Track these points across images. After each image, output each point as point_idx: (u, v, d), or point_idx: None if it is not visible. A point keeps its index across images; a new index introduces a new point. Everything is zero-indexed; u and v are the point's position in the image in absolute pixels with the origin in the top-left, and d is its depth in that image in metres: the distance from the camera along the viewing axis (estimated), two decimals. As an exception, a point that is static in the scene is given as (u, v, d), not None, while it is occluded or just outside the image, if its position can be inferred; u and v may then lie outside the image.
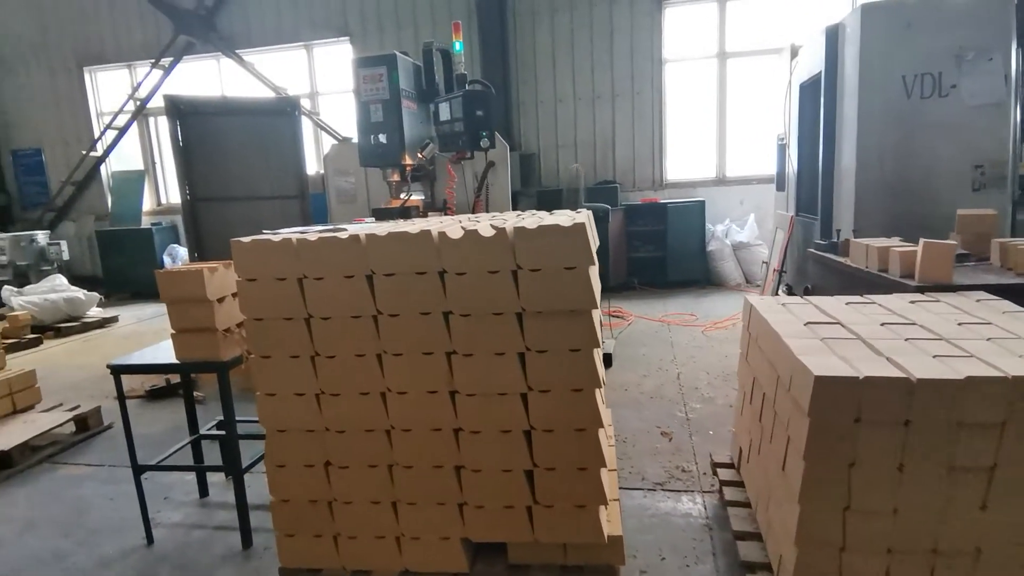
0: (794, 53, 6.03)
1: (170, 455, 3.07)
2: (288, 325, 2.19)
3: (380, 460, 2.24)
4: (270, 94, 9.38)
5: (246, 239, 2.18)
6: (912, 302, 2.62)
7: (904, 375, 1.74)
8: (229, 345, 2.69)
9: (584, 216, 2.37)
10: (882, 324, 2.28)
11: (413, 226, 2.25)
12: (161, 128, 10.17)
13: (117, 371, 2.78)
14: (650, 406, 4.24)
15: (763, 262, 6.83)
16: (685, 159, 9.01)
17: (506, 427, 2.13)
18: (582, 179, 7.77)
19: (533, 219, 2.29)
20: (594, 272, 2.12)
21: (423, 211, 5.68)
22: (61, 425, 4.10)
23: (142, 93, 9.89)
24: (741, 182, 8.77)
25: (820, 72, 4.94)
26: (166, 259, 9.81)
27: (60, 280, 7.95)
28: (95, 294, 8.02)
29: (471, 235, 2.02)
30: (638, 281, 8.32)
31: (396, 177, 5.74)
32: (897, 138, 4.20)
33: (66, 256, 9.44)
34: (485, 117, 4.85)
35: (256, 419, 3.77)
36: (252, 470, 3.06)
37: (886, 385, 1.73)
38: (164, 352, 2.93)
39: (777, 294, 6.13)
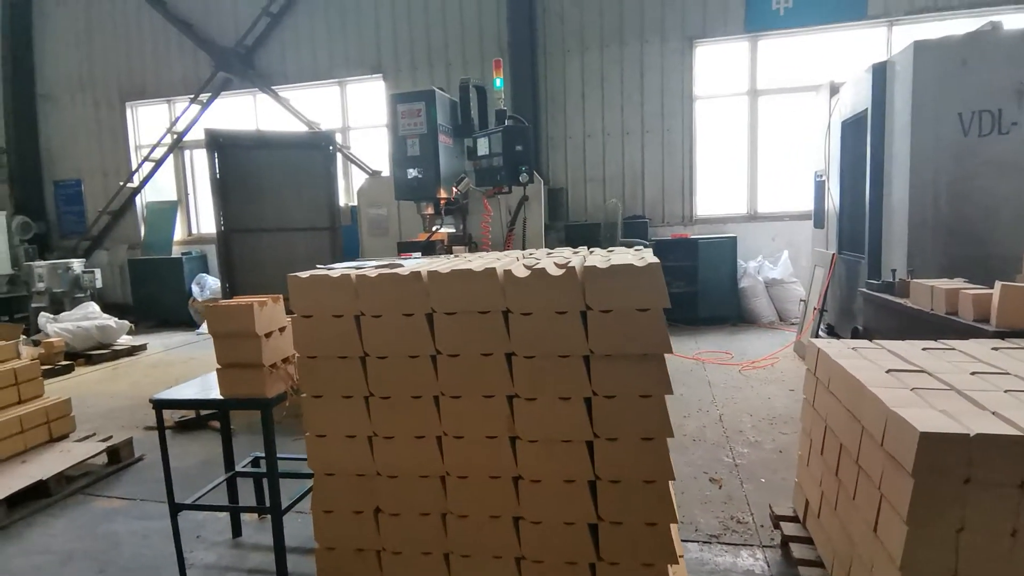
0: (834, 91, 5.98)
1: (206, 492, 2.97)
2: (342, 364, 2.10)
3: (433, 508, 2.12)
4: (303, 128, 9.54)
5: (304, 274, 2.12)
6: (995, 349, 2.47)
7: (1020, 432, 1.59)
8: (274, 381, 2.61)
9: (647, 253, 2.28)
10: (972, 373, 2.13)
11: (476, 263, 2.17)
12: (196, 160, 10.37)
13: (159, 406, 2.71)
14: (695, 449, 4.07)
15: (801, 300, 6.65)
16: (716, 195, 8.94)
17: (570, 477, 2.01)
18: (620, 214, 7.71)
19: (596, 257, 2.21)
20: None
21: (448, 245, 5.65)
22: (95, 456, 4.03)
23: (179, 127, 10.12)
24: (773, 218, 8.65)
25: (866, 109, 4.87)
26: (195, 288, 9.87)
27: (93, 308, 8.01)
28: (125, 322, 8.06)
29: (538, 274, 1.93)
30: (669, 318, 8.16)
31: (430, 210, 5.73)
32: (952, 176, 4.08)
33: (99, 284, 9.55)
34: (524, 152, 4.83)
35: (290, 456, 3.70)
36: (289, 510, 2.94)
37: (1001, 443, 1.58)
38: (206, 386, 2.85)
39: (818, 334, 5.95)
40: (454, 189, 5.77)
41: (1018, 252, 3.99)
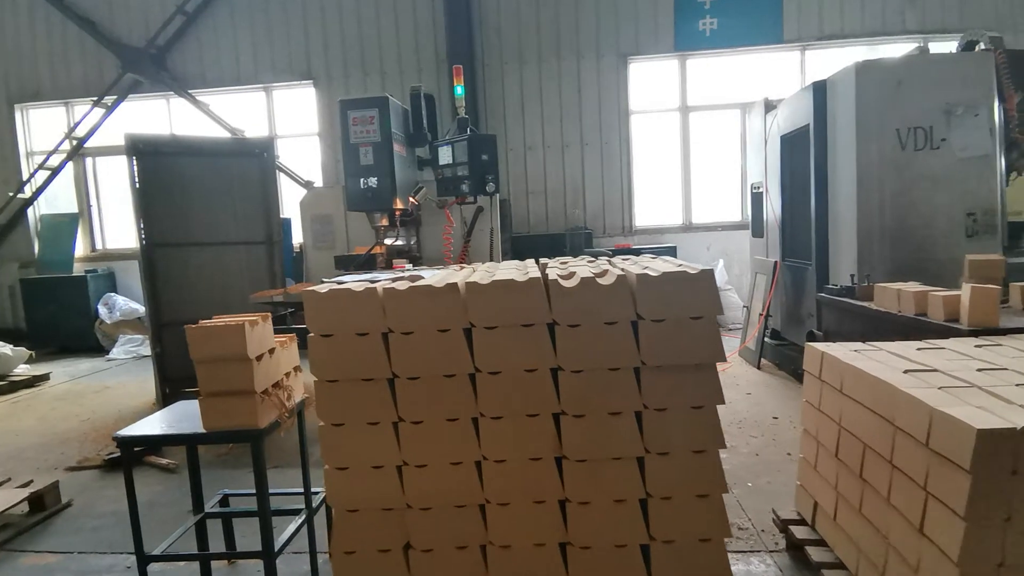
0: (769, 107, 6.30)
1: (176, 540, 2.62)
2: (367, 387, 1.91)
3: (472, 540, 1.96)
4: (225, 135, 8.94)
5: (322, 288, 1.90)
6: (978, 346, 2.62)
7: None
8: (266, 410, 2.35)
9: (668, 261, 2.24)
10: (978, 370, 2.24)
11: (518, 273, 2.04)
12: (101, 168, 9.46)
13: (126, 443, 2.36)
14: (674, 458, 4.08)
15: (744, 307, 6.93)
16: (653, 206, 9.21)
17: (620, 496, 1.91)
18: (584, 224, 7.77)
19: (635, 266, 2.14)
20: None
21: (388, 258, 5.44)
22: (15, 505, 3.49)
23: (80, 132, 9.20)
24: (707, 228, 9.01)
25: (806, 125, 5.15)
26: (102, 309, 8.97)
27: (-18, 335, 7.06)
28: (23, 349, 7.17)
29: (588, 283, 1.84)
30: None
31: (385, 222, 5.50)
32: (895, 188, 4.38)
33: (-15, 308, 8.47)
34: (491, 161, 4.73)
35: (253, 492, 3.36)
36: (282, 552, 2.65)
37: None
38: (177, 418, 2.53)
39: (763, 340, 6.21)
40: (411, 200, 5.57)
41: (953, 256, 4.34)
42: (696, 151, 9.02)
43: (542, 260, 2.87)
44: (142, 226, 5.96)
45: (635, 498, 1.92)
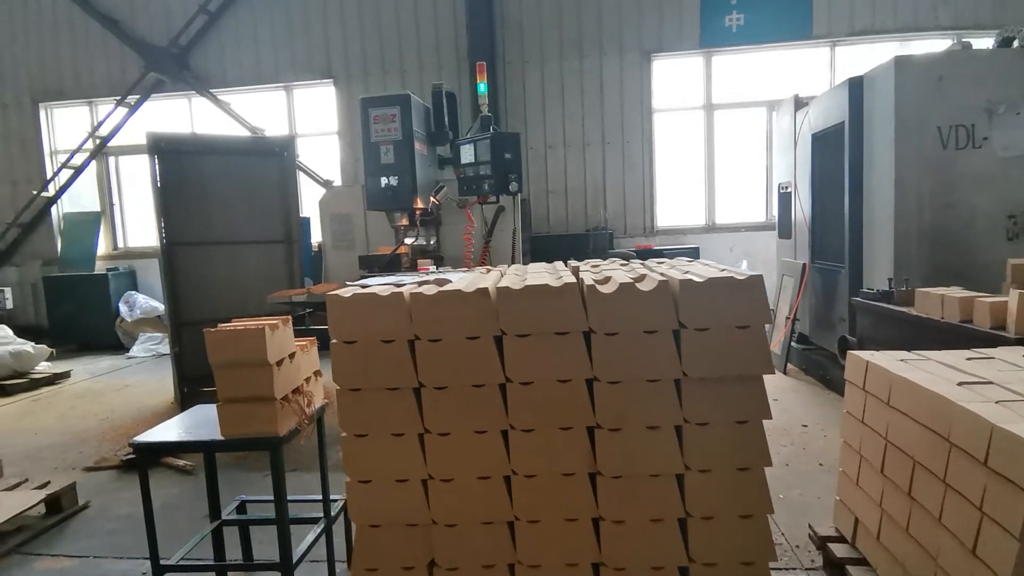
0: (799, 105, 6.12)
1: (192, 547, 2.56)
2: (392, 397, 1.82)
3: (500, 559, 1.86)
4: (245, 134, 8.94)
5: (345, 292, 1.82)
6: (1033, 357, 2.47)
7: None
8: (286, 416, 2.27)
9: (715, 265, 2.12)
10: (1038, 384, 2.09)
11: (550, 277, 1.94)
12: (124, 167, 9.52)
13: (142, 449, 2.30)
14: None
15: (770, 309, 6.76)
16: (674, 206, 9.04)
17: (657, 515, 1.80)
18: (607, 224, 7.66)
19: (673, 270, 2.02)
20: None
21: (413, 259, 5.37)
22: (32, 507, 3.46)
23: (104, 131, 9.26)
24: (730, 229, 8.83)
25: (841, 122, 4.98)
26: (122, 307, 9.02)
27: (5, 331, 7.12)
28: (44, 347, 7.21)
29: (627, 288, 1.73)
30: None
31: (405, 221, 5.42)
32: (934, 188, 4.21)
33: (9, 304, 8.55)
34: (514, 160, 4.62)
35: (271, 499, 3.30)
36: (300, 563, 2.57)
37: None
38: (193, 423, 2.46)
39: (791, 344, 6.04)
40: (432, 199, 5.48)
41: (993, 260, 4.15)
42: (720, 150, 8.84)
43: (571, 262, 2.76)
44: (163, 225, 5.96)
45: (674, 517, 1.81)
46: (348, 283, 2.13)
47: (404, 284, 1.97)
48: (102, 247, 9.66)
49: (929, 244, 4.24)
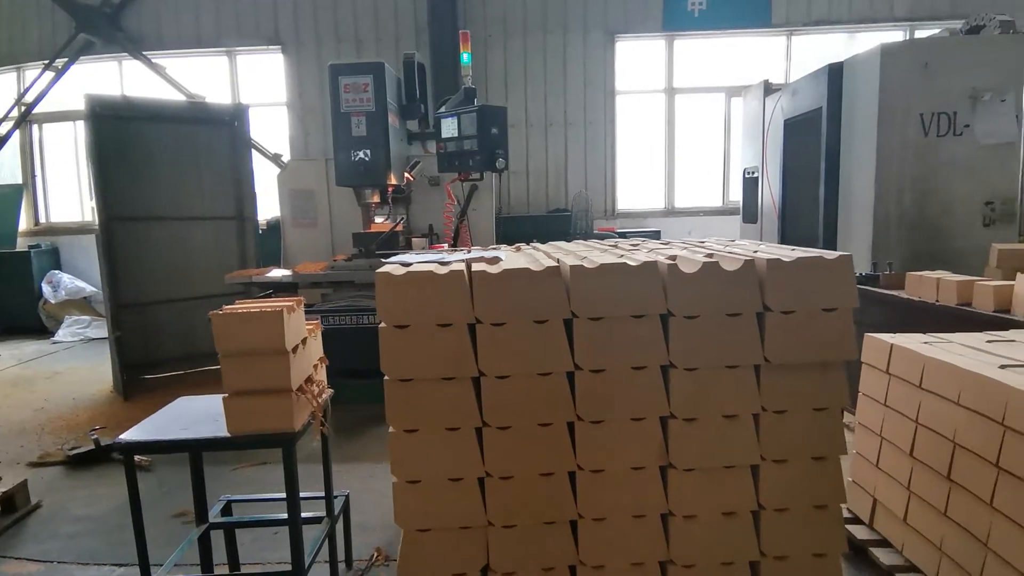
0: (769, 90, 6.18)
1: (180, 552, 2.27)
2: (448, 387, 1.62)
3: (560, 561, 1.71)
4: (182, 100, 8.26)
5: (397, 269, 1.59)
6: (1046, 338, 2.52)
7: None
8: (300, 409, 2.02)
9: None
10: (1073, 365, 2.12)
11: (620, 255, 1.77)
12: (48, 136, 8.62)
13: (129, 449, 2.00)
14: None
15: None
16: (634, 189, 9.05)
17: (730, 508, 1.70)
18: (589, 206, 7.54)
19: (731, 246, 1.91)
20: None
21: (408, 238, 5.11)
22: (-15, 507, 3.04)
23: (28, 98, 8.34)
24: (689, 213, 8.92)
25: (818, 108, 5.03)
26: (46, 288, 8.23)
27: (-90, 316, 6.32)
28: (-41, 333, 6.47)
29: (711, 268, 1.59)
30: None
31: (376, 199, 5.11)
32: (915, 174, 4.30)
33: (-84, 286, 7.62)
34: (500, 135, 4.40)
35: (257, 498, 3.03)
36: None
37: None
38: (185, 417, 2.17)
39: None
40: (406, 175, 5.19)
41: (969, 245, 4.32)
42: (680, 134, 8.89)
43: (570, 243, 2.62)
44: (101, 197, 5.39)
45: (747, 510, 1.71)
46: (386, 260, 1.89)
47: (448, 262, 1.76)
48: (23, 223, 8.77)
49: (908, 229, 4.35)
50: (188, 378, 5.63)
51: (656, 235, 8.20)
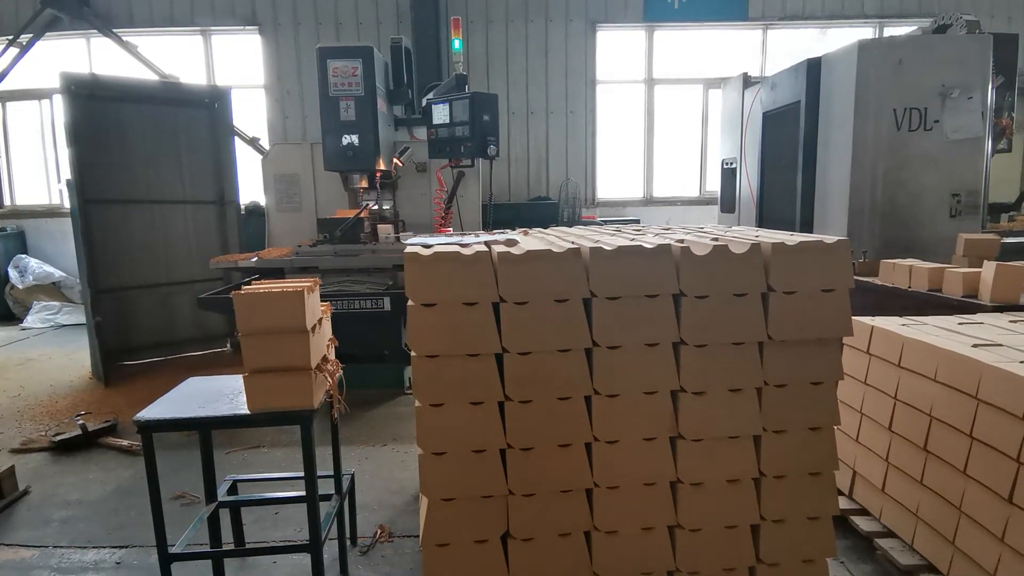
0: (748, 83, 6.34)
1: (192, 532, 2.31)
2: (473, 363, 1.70)
3: (576, 527, 1.81)
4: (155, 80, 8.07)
5: (425, 251, 1.66)
6: (1013, 321, 2.72)
7: None
8: (319, 387, 2.07)
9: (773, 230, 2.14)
10: (1037, 345, 2.30)
11: (631, 238, 1.87)
12: (10, 116, 8.31)
13: (148, 428, 2.03)
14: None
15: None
16: (613, 178, 9.18)
17: (734, 476, 1.82)
18: (579, 195, 7.60)
19: (738, 233, 2.02)
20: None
21: (374, 224, 5.11)
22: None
23: (-9, 74, 8.03)
24: (667, 203, 9.09)
25: (797, 102, 5.20)
26: (12, 272, 8.01)
27: None
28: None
29: (720, 251, 1.70)
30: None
31: (364, 184, 5.13)
32: (888, 166, 4.50)
33: None
34: (492, 122, 4.46)
35: (260, 477, 3.08)
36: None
37: None
38: (198, 397, 2.20)
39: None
40: (396, 161, 5.21)
41: (936, 235, 4.55)
42: (659, 125, 9.04)
43: (575, 229, 2.71)
44: (76, 179, 5.28)
45: (749, 477, 1.83)
46: (406, 243, 1.95)
47: (469, 244, 1.83)
48: (-17, 204, 8.49)
49: (880, 219, 4.56)
50: (168, 364, 5.57)
51: (637, 224, 8.36)
